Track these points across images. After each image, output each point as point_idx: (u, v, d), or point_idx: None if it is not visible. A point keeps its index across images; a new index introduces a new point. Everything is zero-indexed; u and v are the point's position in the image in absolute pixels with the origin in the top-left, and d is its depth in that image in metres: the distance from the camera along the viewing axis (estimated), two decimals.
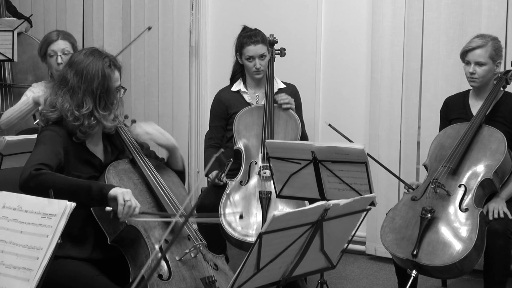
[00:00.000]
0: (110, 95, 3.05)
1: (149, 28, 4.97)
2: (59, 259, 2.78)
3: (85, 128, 3.00)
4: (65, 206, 2.23)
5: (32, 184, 2.74)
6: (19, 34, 5.17)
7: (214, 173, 4.21)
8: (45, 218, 2.24)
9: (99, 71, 3.00)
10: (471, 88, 4.08)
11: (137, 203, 2.83)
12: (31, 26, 5.44)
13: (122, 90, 3.12)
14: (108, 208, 2.79)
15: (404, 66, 4.90)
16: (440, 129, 4.17)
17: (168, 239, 2.99)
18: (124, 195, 2.78)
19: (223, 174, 4.13)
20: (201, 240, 3.09)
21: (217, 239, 4.01)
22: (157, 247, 2.95)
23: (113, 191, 2.79)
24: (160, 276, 2.88)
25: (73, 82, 3.00)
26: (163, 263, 2.93)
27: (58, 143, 2.95)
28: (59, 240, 2.19)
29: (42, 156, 2.87)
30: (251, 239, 3.88)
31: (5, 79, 5.19)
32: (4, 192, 2.33)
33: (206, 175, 4.32)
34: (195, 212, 3.28)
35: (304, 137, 4.38)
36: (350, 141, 3.86)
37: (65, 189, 2.73)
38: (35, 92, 4.40)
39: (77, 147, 3.02)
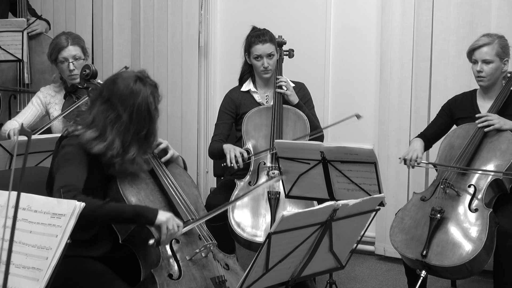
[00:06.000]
0: (151, 137, 3.04)
1: (126, 68, 4.85)
2: (73, 258, 2.80)
3: (123, 168, 2.97)
4: (74, 206, 2.23)
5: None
6: (38, 34, 5.25)
7: (237, 152, 4.15)
8: (55, 218, 2.24)
9: (146, 112, 2.96)
10: (478, 88, 4.08)
11: (180, 223, 2.91)
12: (50, 28, 5.48)
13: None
14: (151, 242, 2.85)
15: (414, 66, 4.89)
16: (434, 123, 4.20)
17: (178, 238, 3.01)
18: (168, 223, 2.85)
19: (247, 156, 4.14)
20: (211, 240, 3.10)
21: (226, 239, 4.01)
22: (167, 246, 2.97)
23: (158, 221, 2.84)
24: (170, 276, 2.89)
25: (126, 122, 2.93)
26: (174, 262, 2.94)
27: (83, 158, 2.93)
28: (69, 240, 2.20)
29: (75, 179, 2.85)
30: (260, 239, 3.88)
31: (24, 78, 5.22)
32: (13, 192, 2.34)
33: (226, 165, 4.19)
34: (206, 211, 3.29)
35: (317, 130, 4.37)
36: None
37: (110, 217, 2.86)
38: (41, 97, 4.42)
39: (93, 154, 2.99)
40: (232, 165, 4.11)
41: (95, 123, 2.95)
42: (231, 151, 4.15)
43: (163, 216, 2.86)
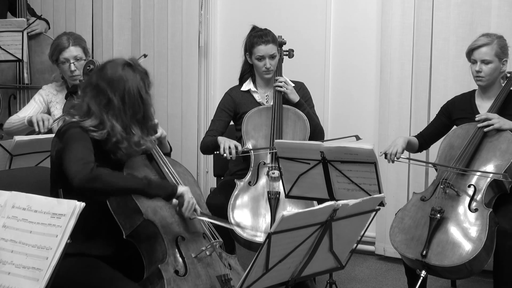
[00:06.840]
0: (149, 121, 3.05)
1: (145, 56, 4.77)
2: (73, 257, 2.80)
3: (131, 152, 2.98)
4: (74, 206, 2.23)
5: (98, 184, 2.75)
6: (38, 34, 5.25)
7: (231, 144, 4.14)
8: (55, 218, 2.24)
9: (138, 96, 2.96)
10: (476, 88, 4.08)
11: (193, 198, 3.02)
12: (49, 28, 5.48)
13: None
14: (175, 201, 2.96)
15: (414, 66, 4.89)
16: (432, 124, 4.22)
17: (184, 236, 3.02)
18: (188, 193, 2.99)
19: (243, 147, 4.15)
20: (217, 238, 3.11)
21: (226, 239, 4.01)
22: (173, 242, 2.98)
23: (180, 190, 2.96)
24: (176, 272, 2.90)
25: (119, 105, 2.94)
26: (180, 259, 2.96)
27: (89, 140, 2.92)
28: (69, 240, 2.20)
29: (88, 154, 2.84)
30: (260, 239, 3.88)
31: (23, 78, 5.23)
32: (13, 192, 2.34)
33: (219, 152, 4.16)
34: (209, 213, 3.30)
35: (319, 130, 4.38)
36: None
37: (135, 186, 2.87)
38: (43, 95, 4.41)
39: (96, 143, 2.97)
40: (225, 155, 4.11)
41: (92, 111, 2.95)
42: (226, 142, 4.15)
43: (183, 187, 2.99)
